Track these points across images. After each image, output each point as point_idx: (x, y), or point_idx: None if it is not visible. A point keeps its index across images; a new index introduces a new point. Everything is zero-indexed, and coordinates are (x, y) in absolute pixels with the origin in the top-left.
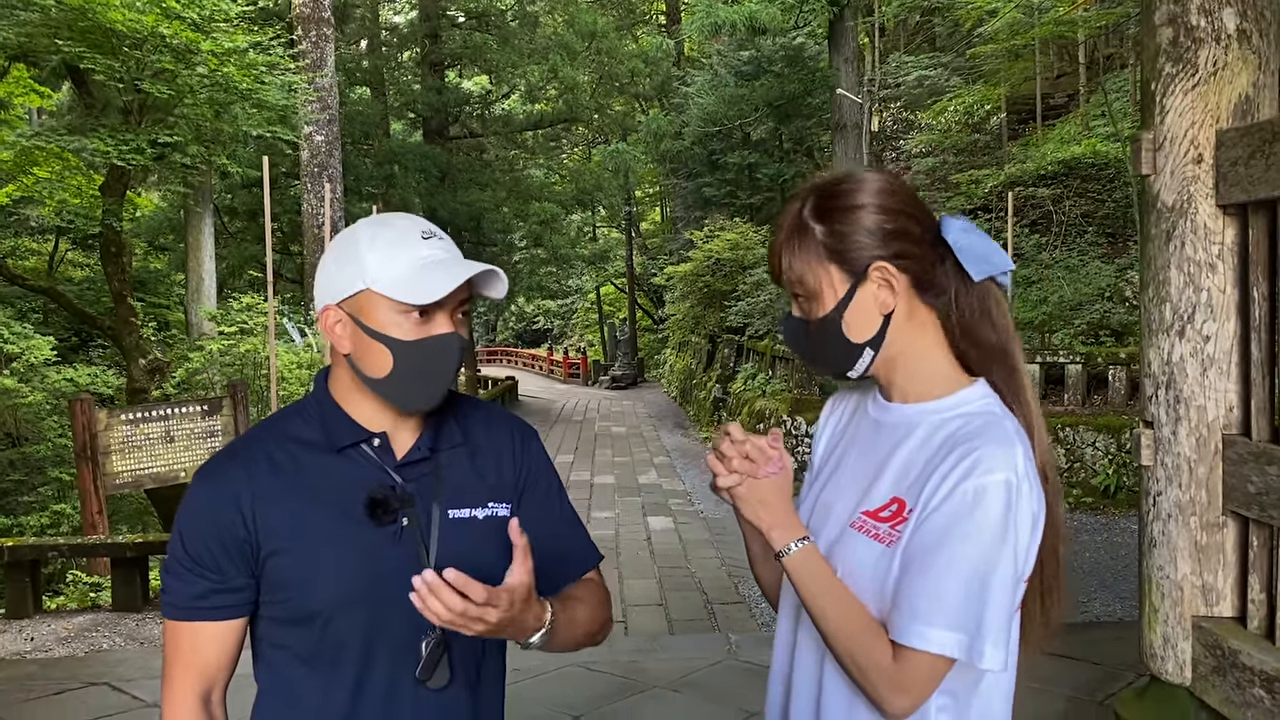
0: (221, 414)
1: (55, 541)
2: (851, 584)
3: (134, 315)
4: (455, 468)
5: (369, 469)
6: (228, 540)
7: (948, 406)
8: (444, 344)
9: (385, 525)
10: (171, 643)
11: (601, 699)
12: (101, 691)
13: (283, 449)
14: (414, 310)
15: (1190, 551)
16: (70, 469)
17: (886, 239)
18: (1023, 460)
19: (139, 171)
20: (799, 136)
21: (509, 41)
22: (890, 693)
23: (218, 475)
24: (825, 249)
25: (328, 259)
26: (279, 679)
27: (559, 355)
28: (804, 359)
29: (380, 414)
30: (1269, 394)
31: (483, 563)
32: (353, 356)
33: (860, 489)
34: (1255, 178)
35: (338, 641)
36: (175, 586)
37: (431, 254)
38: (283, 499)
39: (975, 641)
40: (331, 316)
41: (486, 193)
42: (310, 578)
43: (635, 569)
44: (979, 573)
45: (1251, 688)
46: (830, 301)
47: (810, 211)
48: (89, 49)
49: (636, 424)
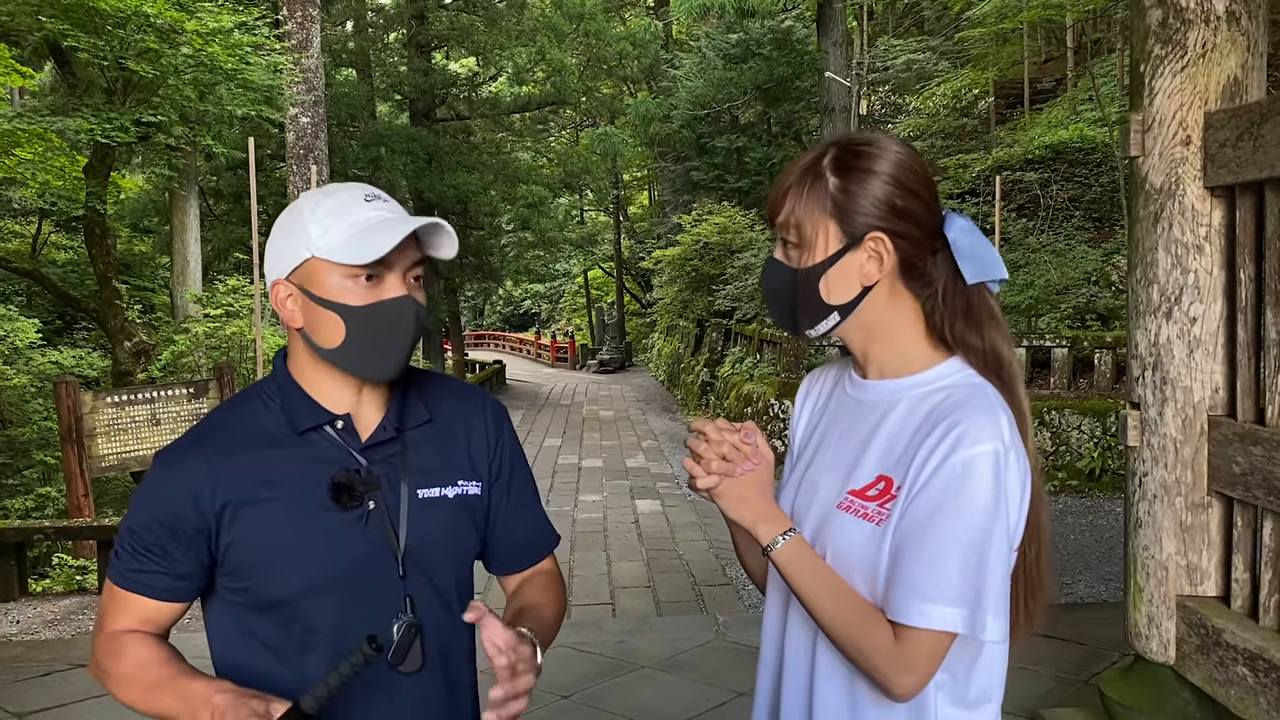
0: (208, 397)
1: (41, 524)
2: (841, 565)
3: (119, 298)
4: (422, 447)
5: (333, 452)
6: (179, 529)
7: (926, 381)
8: (397, 307)
9: (350, 510)
10: (110, 601)
11: (590, 679)
12: (89, 673)
13: (243, 434)
14: (361, 275)
15: (1175, 532)
16: (55, 452)
17: (892, 213)
18: (1008, 429)
19: (123, 153)
20: (787, 120)
21: (496, 23)
22: (896, 673)
23: (176, 463)
24: (832, 203)
25: (274, 234)
26: (245, 668)
27: (546, 339)
28: (770, 305)
29: (342, 393)
30: (1254, 375)
31: (454, 542)
32: (305, 329)
33: (845, 469)
34: (1243, 159)
35: (306, 628)
36: (123, 557)
37: (375, 215)
38: (244, 486)
39: (976, 614)
40: (281, 291)
41: (474, 175)
42: (274, 566)
43: (623, 551)
44: (975, 545)
45: (1235, 666)
46: (819, 255)
47: (830, 162)
48: (72, 27)
49: (624, 408)
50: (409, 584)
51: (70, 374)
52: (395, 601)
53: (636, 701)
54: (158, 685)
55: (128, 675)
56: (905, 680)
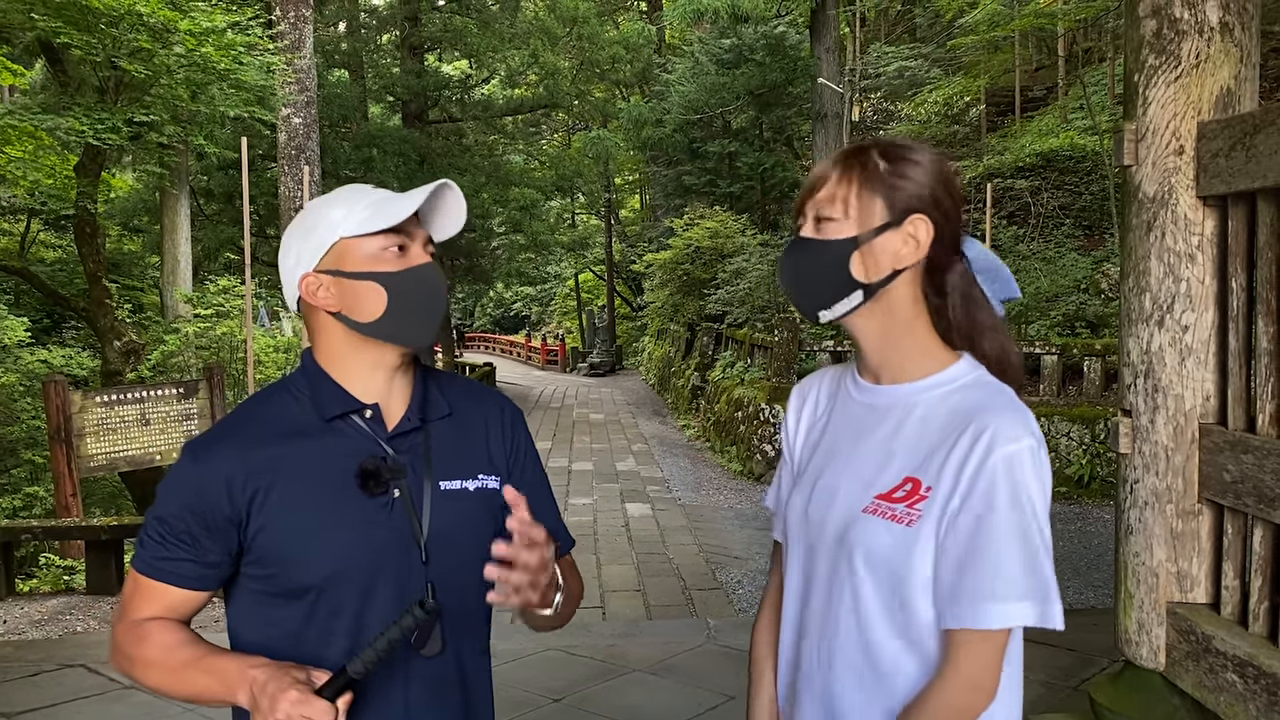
0: (198, 397)
1: (28, 524)
2: (869, 568)
3: (109, 297)
4: (445, 439)
5: (360, 440)
6: (211, 517)
7: (941, 382)
8: (428, 271)
9: (377, 497)
10: (134, 590)
11: (582, 682)
12: (78, 673)
13: (272, 424)
14: (392, 245)
15: (1166, 538)
16: (43, 451)
17: (933, 203)
18: (1034, 423)
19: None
20: (779, 126)
21: (489, 25)
22: (974, 695)
23: (207, 453)
24: (881, 181)
25: (290, 240)
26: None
27: (537, 342)
28: (789, 285)
29: (373, 380)
30: (1245, 384)
31: (475, 533)
32: (343, 310)
33: (867, 473)
34: (1235, 170)
35: (330, 614)
36: (150, 545)
37: (386, 193)
38: (273, 474)
39: (1046, 606)
40: (311, 283)
41: (465, 178)
42: (302, 552)
43: (613, 555)
44: (1028, 537)
45: (1224, 672)
46: (858, 228)
47: (878, 151)
48: (65, 25)
49: (615, 411)
50: (431, 571)
51: (59, 373)
52: (417, 588)
53: (627, 705)
54: (187, 665)
55: (154, 659)
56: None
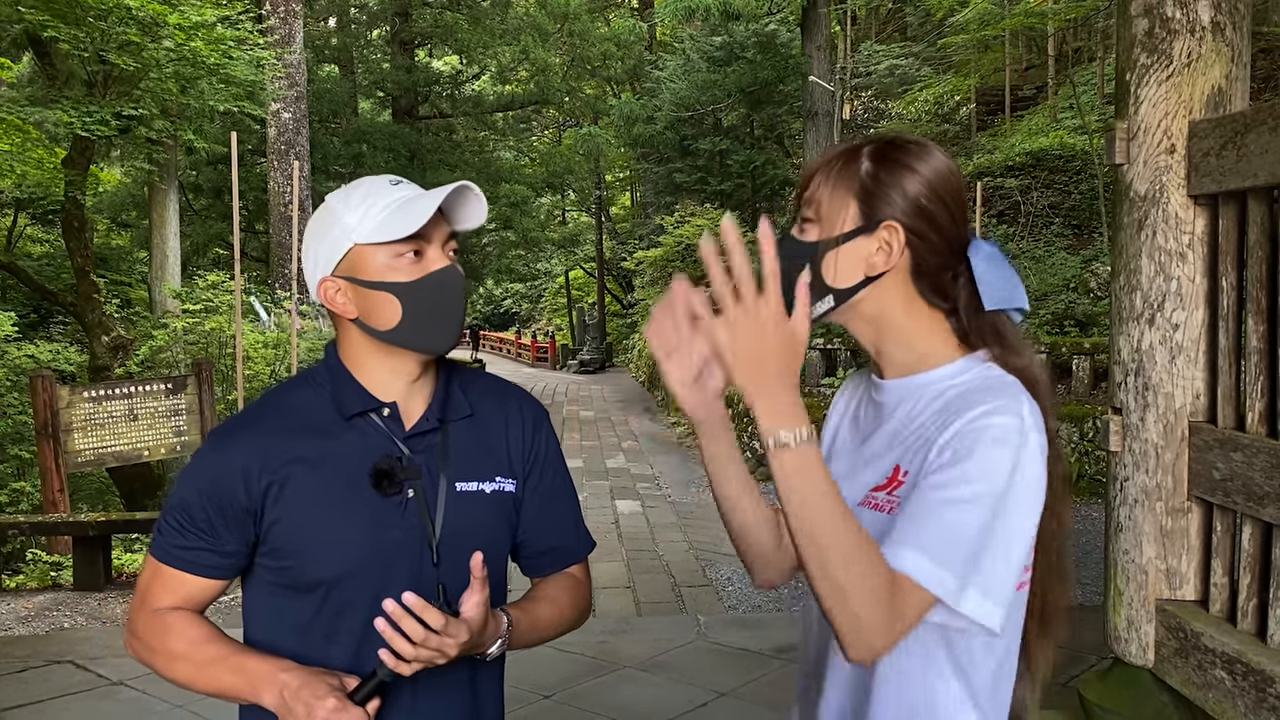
0: (186, 392)
1: (15, 519)
2: None
3: (97, 292)
4: (463, 440)
5: (377, 439)
6: (227, 507)
7: (943, 376)
8: (445, 277)
9: (391, 496)
10: (153, 577)
11: (573, 679)
12: (66, 670)
13: (293, 417)
14: (407, 251)
15: (1155, 536)
16: (30, 446)
17: (916, 212)
18: (1029, 411)
19: (102, 146)
20: (770, 123)
21: (480, 21)
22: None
23: (228, 442)
24: (860, 185)
25: (309, 240)
26: (274, 648)
27: (527, 339)
28: None
29: (393, 382)
30: (1235, 382)
31: (488, 537)
32: (361, 317)
33: (865, 468)
34: (1226, 169)
35: (338, 610)
36: (169, 533)
37: (404, 193)
38: (289, 467)
39: (963, 583)
40: (330, 288)
41: (455, 174)
42: (314, 548)
43: (603, 552)
44: (979, 508)
45: (1213, 669)
46: (830, 232)
47: (869, 150)
48: (53, 18)
49: (605, 408)
50: (442, 572)
51: (46, 368)
52: (428, 589)
53: (619, 702)
54: (213, 662)
55: (180, 653)
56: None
